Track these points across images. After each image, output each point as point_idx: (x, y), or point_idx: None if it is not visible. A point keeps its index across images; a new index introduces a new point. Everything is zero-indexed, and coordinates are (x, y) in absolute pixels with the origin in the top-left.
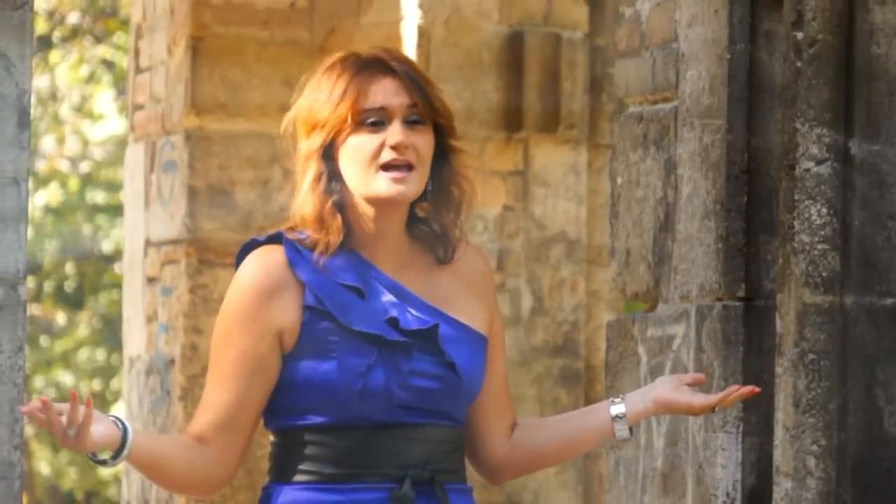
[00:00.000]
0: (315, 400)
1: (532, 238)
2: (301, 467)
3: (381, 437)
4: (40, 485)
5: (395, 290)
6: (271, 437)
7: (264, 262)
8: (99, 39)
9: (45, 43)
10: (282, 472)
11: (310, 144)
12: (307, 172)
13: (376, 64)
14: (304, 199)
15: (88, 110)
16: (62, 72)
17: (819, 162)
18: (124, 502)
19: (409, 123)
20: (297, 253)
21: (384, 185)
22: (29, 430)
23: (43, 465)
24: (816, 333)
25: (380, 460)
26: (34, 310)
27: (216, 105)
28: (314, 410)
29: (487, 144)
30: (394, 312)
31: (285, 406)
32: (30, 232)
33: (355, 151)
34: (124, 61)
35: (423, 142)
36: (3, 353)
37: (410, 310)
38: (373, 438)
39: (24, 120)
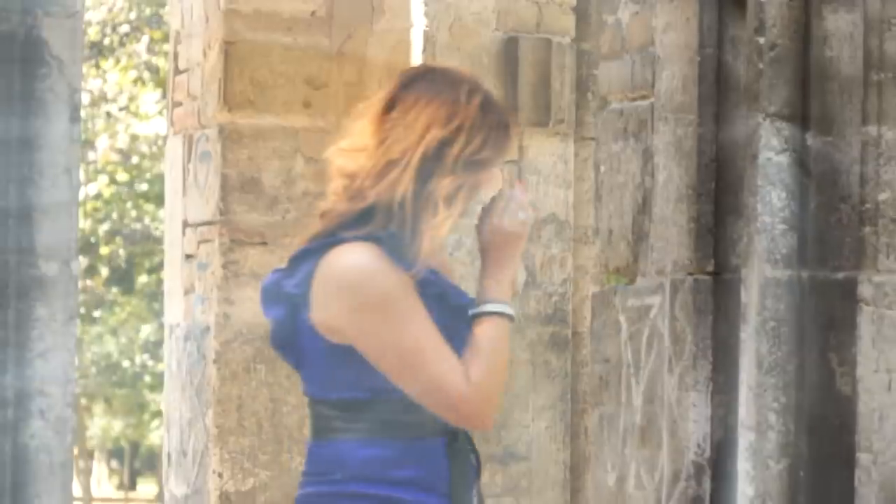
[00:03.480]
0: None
1: None
2: (365, 426)
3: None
4: (91, 438)
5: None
6: (331, 403)
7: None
8: (146, 46)
9: (98, 50)
10: (346, 431)
11: None
12: None
13: None
14: None
15: (135, 110)
16: (112, 76)
17: (779, 152)
18: (165, 453)
19: None
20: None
21: None
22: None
23: (96, 419)
24: (776, 303)
25: (432, 416)
26: (90, 286)
27: (246, 102)
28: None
29: None
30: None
31: (372, 378)
32: (82, 216)
33: None
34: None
35: None
36: (57, 321)
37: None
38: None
39: (74, 116)
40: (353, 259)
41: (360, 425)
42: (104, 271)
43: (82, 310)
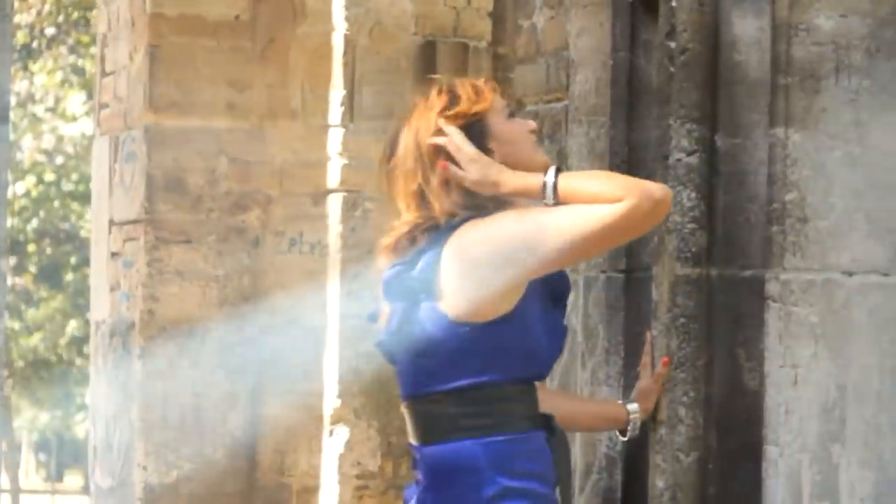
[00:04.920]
0: (527, 356)
1: None
2: (488, 421)
3: (532, 391)
4: (18, 429)
5: None
6: (457, 394)
7: None
8: (72, 49)
9: (27, 52)
10: (470, 429)
11: None
12: None
13: None
14: None
15: (62, 111)
16: (39, 78)
17: (689, 153)
18: (91, 446)
19: None
20: None
21: None
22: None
23: (22, 410)
24: (686, 301)
25: (534, 409)
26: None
27: (170, 104)
28: (526, 366)
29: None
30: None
31: (502, 358)
32: (10, 215)
33: None
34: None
35: None
36: None
37: None
38: (531, 392)
39: (3, 116)
40: (481, 223)
41: (483, 420)
42: (32, 269)
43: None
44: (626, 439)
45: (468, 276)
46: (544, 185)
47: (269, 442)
